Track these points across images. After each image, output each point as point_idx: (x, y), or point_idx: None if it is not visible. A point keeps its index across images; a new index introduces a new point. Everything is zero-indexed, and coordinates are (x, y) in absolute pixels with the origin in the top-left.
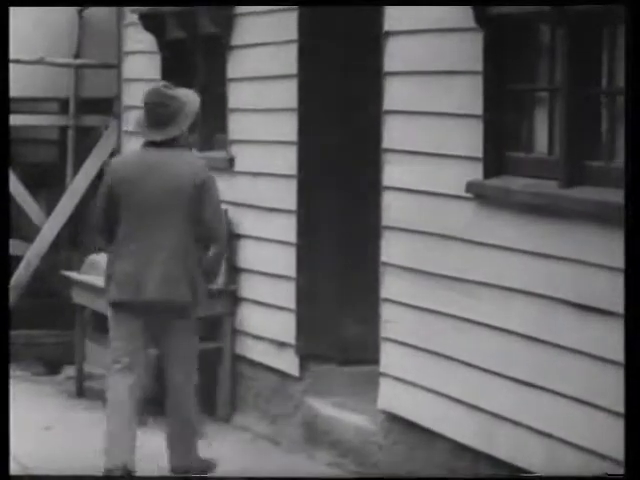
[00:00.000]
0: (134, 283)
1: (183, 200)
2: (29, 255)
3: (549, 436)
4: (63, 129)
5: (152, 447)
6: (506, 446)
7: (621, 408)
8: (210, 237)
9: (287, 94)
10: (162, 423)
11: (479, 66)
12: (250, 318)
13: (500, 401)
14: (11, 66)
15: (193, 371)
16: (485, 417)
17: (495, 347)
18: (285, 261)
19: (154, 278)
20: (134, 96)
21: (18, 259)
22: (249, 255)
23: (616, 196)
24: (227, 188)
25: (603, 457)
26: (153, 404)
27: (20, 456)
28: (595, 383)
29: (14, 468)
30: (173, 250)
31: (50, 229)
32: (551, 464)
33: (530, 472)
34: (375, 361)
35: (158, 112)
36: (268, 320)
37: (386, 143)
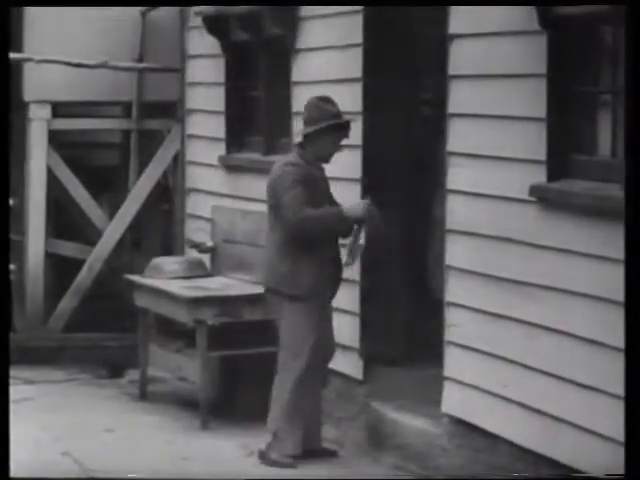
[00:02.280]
0: None
1: (270, 200)
2: (91, 259)
3: (611, 439)
4: (126, 133)
5: (211, 450)
6: (568, 449)
7: None
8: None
9: (352, 97)
10: (224, 427)
11: (543, 68)
12: None
13: (563, 404)
14: (74, 70)
15: (290, 357)
16: (548, 420)
17: (558, 351)
18: None
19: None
20: (197, 100)
21: (81, 262)
22: None
23: None
24: None
25: None
26: (215, 408)
27: (81, 458)
28: None
29: (75, 469)
30: (267, 245)
31: (113, 232)
32: (613, 467)
33: (592, 475)
34: (439, 364)
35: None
36: (333, 323)
37: (450, 146)
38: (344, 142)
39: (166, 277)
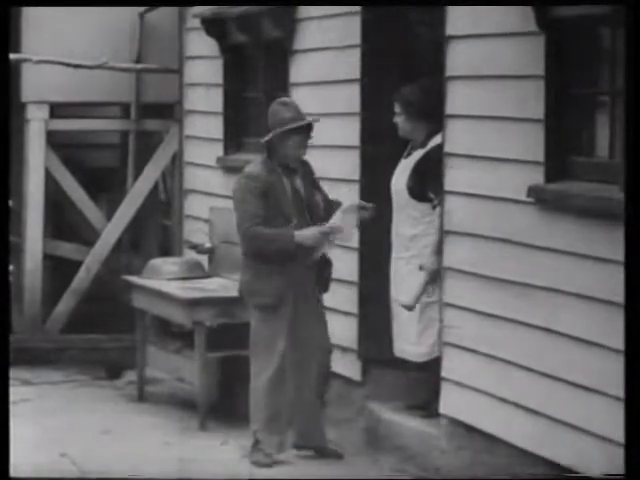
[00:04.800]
0: None
1: None
2: (89, 260)
3: (610, 441)
4: (124, 134)
5: (210, 451)
6: (567, 451)
7: None
8: None
9: (350, 99)
10: (223, 428)
11: (540, 70)
12: None
13: (561, 406)
14: (73, 71)
15: (261, 365)
16: (547, 422)
17: (557, 352)
18: (347, 266)
19: None
20: (195, 101)
21: (79, 263)
22: None
23: None
24: None
25: None
26: (214, 409)
27: (79, 459)
28: None
29: (73, 470)
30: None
31: (111, 233)
32: (612, 470)
33: (592, 476)
34: (437, 366)
35: None
36: (330, 325)
37: (448, 147)
38: (343, 143)
39: (164, 278)
